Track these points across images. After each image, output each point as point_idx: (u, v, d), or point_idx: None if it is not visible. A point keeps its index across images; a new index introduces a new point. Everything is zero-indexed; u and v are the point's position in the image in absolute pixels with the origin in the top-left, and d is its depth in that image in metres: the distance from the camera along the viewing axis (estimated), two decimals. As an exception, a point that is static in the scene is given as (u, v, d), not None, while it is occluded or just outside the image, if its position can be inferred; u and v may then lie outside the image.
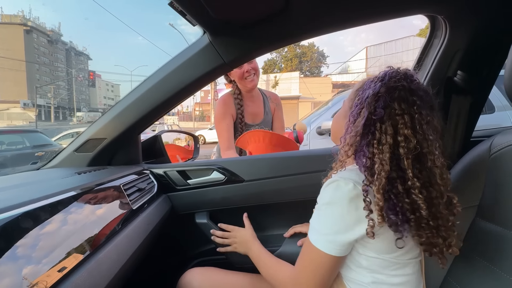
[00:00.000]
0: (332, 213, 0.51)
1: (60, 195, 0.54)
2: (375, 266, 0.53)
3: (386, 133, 0.48)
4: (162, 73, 0.81)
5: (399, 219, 0.46)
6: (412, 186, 0.46)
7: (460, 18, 0.71)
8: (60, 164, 0.91)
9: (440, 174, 0.47)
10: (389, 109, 0.48)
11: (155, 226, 0.78)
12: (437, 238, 0.48)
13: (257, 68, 1.34)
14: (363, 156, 0.50)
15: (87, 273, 0.47)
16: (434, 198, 0.48)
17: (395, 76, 0.51)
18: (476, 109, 0.80)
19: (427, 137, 0.47)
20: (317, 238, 0.52)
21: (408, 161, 0.46)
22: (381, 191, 0.46)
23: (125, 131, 0.87)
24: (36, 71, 62.49)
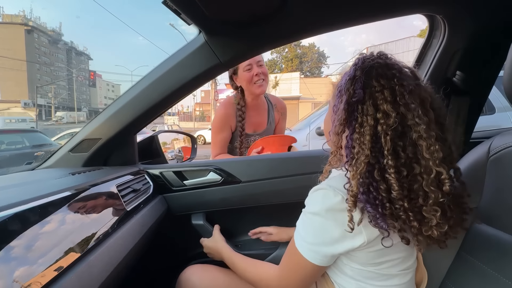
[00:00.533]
0: (318, 225, 0.49)
1: (51, 197, 0.53)
2: (360, 276, 0.52)
3: (367, 114, 0.45)
4: (157, 73, 0.80)
5: (377, 212, 0.43)
6: (387, 164, 0.43)
7: (459, 18, 0.70)
8: (55, 165, 0.90)
9: (427, 146, 0.42)
10: (369, 88, 0.46)
11: (150, 228, 0.77)
12: (413, 221, 0.43)
13: (266, 73, 1.26)
14: (347, 147, 0.47)
15: (76, 276, 0.46)
16: (418, 174, 0.43)
17: (369, 57, 0.49)
18: (476, 110, 0.79)
19: (410, 107, 0.43)
20: (302, 244, 0.51)
21: (386, 138, 0.43)
22: (358, 177, 0.43)
23: (121, 131, 0.86)
24: (37, 71, 62.61)
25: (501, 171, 0.53)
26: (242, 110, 1.29)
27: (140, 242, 0.71)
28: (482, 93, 0.79)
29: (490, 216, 0.55)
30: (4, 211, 0.44)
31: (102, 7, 39.05)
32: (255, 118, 1.36)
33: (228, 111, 1.30)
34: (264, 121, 1.39)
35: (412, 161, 0.44)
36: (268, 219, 0.96)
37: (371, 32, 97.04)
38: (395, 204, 0.43)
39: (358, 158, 0.44)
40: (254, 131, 1.37)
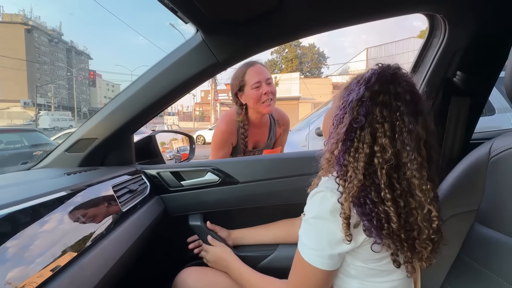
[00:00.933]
0: (320, 228, 0.50)
1: (44, 197, 0.52)
2: (362, 275, 0.52)
3: (364, 141, 0.46)
4: (154, 72, 0.80)
5: (373, 226, 0.45)
6: (385, 197, 0.45)
7: (459, 18, 0.69)
8: (51, 164, 0.89)
9: (419, 186, 0.45)
10: (371, 116, 0.47)
11: (146, 229, 0.76)
12: (407, 251, 0.46)
13: (275, 92, 1.21)
14: (339, 164, 0.49)
15: (68, 278, 0.45)
16: (414, 208, 0.46)
17: (382, 77, 0.48)
18: (476, 111, 0.78)
19: (405, 148, 0.45)
20: (307, 253, 0.51)
21: (382, 172, 0.45)
22: (350, 199, 0.45)
23: (117, 131, 0.85)
24: (36, 70, 62.57)
25: (502, 172, 0.53)
26: (245, 128, 1.24)
27: (136, 244, 0.70)
28: (483, 93, 0.78)
29: (490, 218, 0.54)
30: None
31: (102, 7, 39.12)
32: (256, 136, 1.31)
33: (230, 128, 1.24)
34: (265, 137, 1.35)
35: (407, 194, 0.46)
36: (266, 220, 0.95)
37: (371, 33, 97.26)
38: (393, 234, 0.45)
39: (350, 182, 0.45)
40: (254, 147, 1.34)
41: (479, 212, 0.57)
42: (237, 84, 1.19)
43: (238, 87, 1.20)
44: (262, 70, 1.18)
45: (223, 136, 1.24)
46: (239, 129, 1.25)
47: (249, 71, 1.16)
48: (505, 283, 0.48)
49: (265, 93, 1.15)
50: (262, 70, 1.18)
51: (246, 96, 1.19)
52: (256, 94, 1.15)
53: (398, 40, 26.33)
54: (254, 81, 1.15)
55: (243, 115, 1.23)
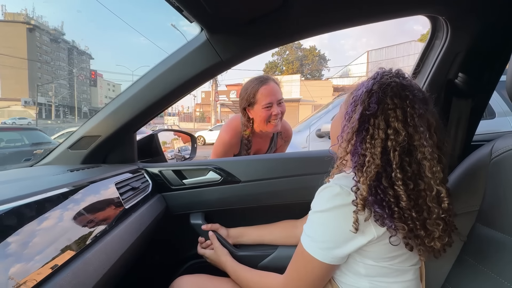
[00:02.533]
0: (328, 222, 0.50)
1: (48, 192, 0.53)
2: (374, 273, 0.52)
3: (379, 127, 0.48)
4: (158, 71, 0.80)
5: (384, 212, 0.46)
6: (395, 177, 0.46)
7: (461, 20, 0.70)
8: (54, 162, 0.89)
9: (430, 167, 0.47)
10: (382, 104, 0.49)
11: (148, 226, 0.77)
12: (420, 230, 0.47)
13: (284, 111, 1.19)
14: (356, 153, 0.50)
15: (72, 273, 0.45)
16: (422, 190, 0.47)
17: (387, 74, 0.52)
18: (477, 112, 0.79)
19: (418, 129, 0.47)
20: (311, 245, 0.51)
21: (395, 153, 0.46)
22: (367, 182, 0.46)
23: (120, 129, 0.86)
24: (38, 70, 62.62)
25: (503, 173, 0.53)
26: (249, 139, 1.24)
27: (138, 241, 0.70)
28: (484, 95, 0.78)
29: (491, 218, 0.54)
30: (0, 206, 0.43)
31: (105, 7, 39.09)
32: (257, 146, 1.31)
33: (234, 141, 1.24)
34: (265, 147, 1.34)
35: (417, 177, 0.47)
36: (268, 220, 0.95)
37: (372, 36, 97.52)
38: (404, 213, 0.46)
39: (369, 166, 0.47)
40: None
41: (480, 212, 0.57)
42: (248, 99, 1.17)
43: (248, 103, 1.17)
44: (275, 91, 1.16)
45: (225, 147, 1.23)
46: (243, 140, 1.25)
47: (262, 90, 1.14)
48: (506, 283, 0.48)
49: (274, 114, 1.14)
50: (275, 91, 1.16)
51: (255, 113, 1.17)
52: (266, 114, 1.14)
53: (399, 43, 26.41)
54: (265, 102, 1.14)
55: (250, 129, 1.21)
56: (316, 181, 0.91)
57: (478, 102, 0.77)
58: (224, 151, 1.24)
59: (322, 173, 0.91)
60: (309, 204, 0.55)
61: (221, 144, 1.24)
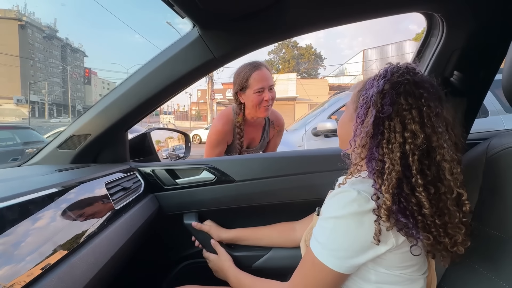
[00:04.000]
0: (344, 229, 0.47)
1: (33, 194, 0.51)
2: (385, 281, 0.49)
3: (395, 131, 0.45)
4: (150, 68, 0.78)
5: (409, 222, 0.43)
6: (416, 183, 0.44)
7: (457, 17, 0.69)
8: (42, 161, 0.87)
9: (450, 169, 0.44)
10: (397, 105, 0.46)
11: (139, 227, 0.75)
12: (444, 237, 0.45)
13: (275, 97, 1.21)
14: (373, 159, 0.47)
15: (57, 278, 0.44)
16: (443, 193, 0.45)
17: (397, 71, 0.49)
18: (472, 111, 0.79)
19: (436, 130, 0.45)
20: (323, 252, 0.48)
21: (414, 157, 0.44)
22: (390, 191, 0.43)
23: (111, 128, 0.84)
24: (30, 67, 61.61)
25: (499, 172, 0.53)
26: (241, 128, 1.25)
27: (129, 242, 0.69)
28: (479, 94, 0.78)
29: (486, 217, 0.54)
30: None
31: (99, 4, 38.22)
32: (250, 134, 1.32)
33: (226, 128, 1.25)
34: (258, 137, 1.36)
35: (436, 180, 0.45)
36: (263, 219, 0.94)
37: (367, 35, 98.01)
38: (427, 220, 0.44)
39: (389, 173, 0.44)
40: (247, 147, 1.34)
41: (475, 211, 0.57)
42: (240, 84, 1.19)
43: (239, 87, 1.20)
44: (266, 76, 1.18)
45: (219, 135, 1.24)
46: (235, 128, 1.26)
47: (254, 75, 1.16)
48: (500, 282, 0.48)
49: (266, 99, 1.17)
50: (266, 76, 1.18)
51: (246, 97, 1.19)
52: (257, 99, 1.17)
53: (394, 42, 26.61)
54: (257, 86, 1.16)
55: (241, 115, 1.23)
56: (311, 180, 0.91)
57: (473, 100, 0.77)
58: (217, 139, 1.24)
59: (318, 172, 0.91)
60: (305, 203, 0.54)
61: (214, 133, 1.25)
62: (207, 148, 1.27)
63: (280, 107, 2.10)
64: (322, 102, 4.17)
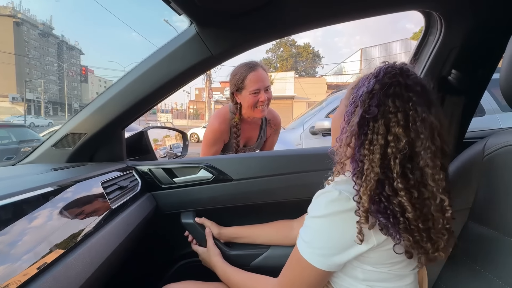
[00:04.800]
0: (326, 229, 0.48)
1: (27, 193, 0.50)
2: (373, 278, 0.50)
3: (378, 133, 0.45)
4: (146, 65, 0.77)
5: (389, 222, 0.44)
6: (397, 187, 0.44)
7: (455, 15, 0.69)
8: (37, 160, 0.86)
9: (432, 175, 0.44)
10: (383, 107, 0.46)
11: (136, 226, 0.74)
12: (427, 242, 0.45)
13: (271, 98, 1.22)
14: (355, 160, 0.47)
15: (52, 278, 0.43)
16: (427, 198, 0.45)
17: (390, 71, 0.48)
18: (470, 110, 0.79)
19: (420, 135, 0.44)
20: (307, 251, 0.49)
21: (395, 161, 0.44)
22: (368, 193, 0.44)
23: (107, 126, 0.83)
24: (26, 65, 60.90)
25: (496, 171, 0.53)
26: (238, 127, 1.25)
27: (126, 242, 0.68)
28: (477, 92, 0.78)
29: (484, 216, 0.54)
30: None
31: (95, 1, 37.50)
32: (247, 133, 1.32)
33: (223, 127, 1.25)
34: (255, 136, 1.36)
35: (420, 184, 0.45)
36: (261, 218, 0.94)
37: (365, 34, 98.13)
38: (411, 224, 0.44)
39: (367, 175, 0.44)
40: (244, 145, 1.34)
41: (472, 210, 0.57)
42: (236, 84, 1.19)
43: (236, 88, 1.20)
44: (262, 77, 1.17)
45: (216, 134, 1.24)
46: (232, 128, 1.26)
47: (250, 76, 1.16)
48: (498, 281, 0.48)
49: (261, 100, 1.17)
50: (262, 77, 1.17)
51: (242, 98, 1.19)
52: (253, 100, 1.17)
53: (392, 41, 26.67)
54: (253, 88, 1.16)
55: (238, 114, 1.23)
56: (309, 178, 0.90)
57: (471, 99, 0.77)
58: (214, 138, 1.24)
59: (316, 170, 0.90)
60: (302, 202, 0.54)
61: (210, 132, 1.25)
62: (203, 147, 1.27)
63: (278, 106, 2.10)
64: (320, 101, 4.17)
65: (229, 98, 1.25)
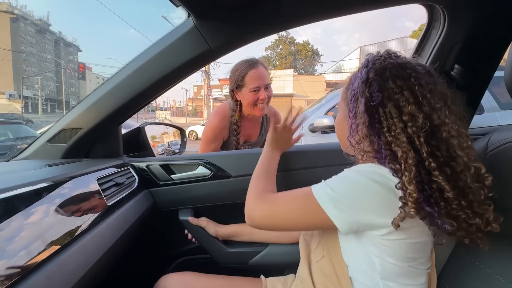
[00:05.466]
0: (357, 183, 0.44)
1: (22, 188, 0.48)
2: (389, 272, 0.47)
3: (392, 117, 0.43)
4: (143, 59, 0.75)
5: (434, 211, 0.41)
6: (430, 166, 0.41)
7: (459, 9, 0.68)
8: (32, 156, 0.84)
9: (459, 144, 0.42)
10: (386, 91, 0.44)
11: (133, 224, 0.73)
12: (474, 218, 0.42)
13: (271, 96, 1.20)
14: (380, 148, 0.45)
15: (45, 276, 0.42)
16: (460, 172, 0.42)
17: (379, 58, 0.48)
18: (472, 106, 0.78)
19: (435, 106, 0.42)
20: (323, 189, 0.46)
21: (420, 140, 0.42)
22: (414, 182, 0.41)
23: (103, 121, 0.81)
24: (22, 61, 60.39)
25: (500, 166, 0.52)
26: (238, 124, 1.23)
27: (122, 239, 0.67)
28: (480, 88, 0.77)
29: None
30: None
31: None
32: (248, 130, 1.30)
33: (222, 124, 1.23)
34: (257, 133, 1.34)
35: (449, 159, 0.42)
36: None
37: (364, 32, 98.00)
38: (451, 204, 0.41)
39: (405, 162, 0.42)
40: (245, 141, 1.33)
41: None
42: (236, 82, 1.18)
43: (236, 85, 1.18)
44: (263, 75, 1.16)
45: (215, 131, 1.22)
46: (232, 125, 1.24)
47: (250, 74, 1.14)
48: (500, 279, 0.48)
49: (261, 98, 1.15)
50: (263, 75, 1.16)
51: (242, 95, 1.18)
52: (253, 98, 1.15)
53: (391, 39, 26.66)
54: (253, 85, 1.14)
55: (238, 112, 1.21)
56: (309, 175, 0.89)
57: (474, 95, 0.76)
58: (213, 135, 1.22)
59: (315, 167, 0.89)
60: None
61: (210, 129, 1.23)
62: (202, 144, 1.25)
63: (277, 104, 2.09)
64: (319, 99, 4.16)
65: (229, 95, 1.24)
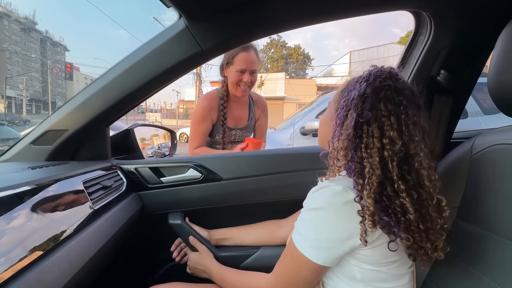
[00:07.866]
0: (321, 220, 0.48)
1: (2, 192, 0.46)
2: (370, 278, 0.50)
3: (373, 136, 0.46)
4: (133, 59, 0.74)
5: (392, 220, 0.44)
6: (398, 189, 0.45)
7: (445, 16, 0.70)
8: (14, 158, 0.81)
9: (428, 176, 0.46)
10: (376, 111, 0.47)
11: (120, 228, 0.71)
12: (426, 242, 0.46)
13: (255, 82, 1.27)
14: (351, 161, 0.48)
15: (25, 284, 0.40)
16: (424, 200, 0.46)
17: (380, 75, 0.49)
18: (457, 110, 0.80)
19: (413, 138, 0.46)
20: (303, 243, 0.49)
21: (393, 164, 0.45)
22: (372, 196, 0.44)
23: (90, 123, 0.79)
24: (6, 60, 58.36)
25: (483, 170, 0.53)
26: (224, 99, 1.28)
27: (109, 244, 0.65)
28: (464, 93, 0.79)
29: (471, 214, 0.55)
30: None
31: (81, -4, 35.43)
32: (236, 113, 1.35)
33: (211, 104, 1.28)
34: (245, 116, 1.39)
35: (417, 186, 0.46)
36: (251, 218, 0.92)
37: (354, 38, 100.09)
38: (411, 225, 0.45)
39: (369, 178, 0.45)
40: (235, 125, 1.36)
41: (461, 208, 0.57)
42: (227, 58, 1.24)
43: (226, 61, 1.25)
44: (251, 60, 1.21)
45: (204, 111, 1.26)
46: (219, 106, 1.29)
47: (240, 55, 1.19)
48: (485, 278, 0.49)
49: (244, 81, 1.22)
50: (251, 60, 1.21)
51: (229, 73, 1.24)
52: (237, 79, 1.22)
53: (380, 45, 27.36)
54: (240, 67, 1.20)
55: (225, 87, 1.28)
56: (302, 178, 0.90)
57: (458, 100, 0.78)
58: (202, 115, 1.26)
59: (306, 170, 0.90)
60: (294, 201, 0.53)
61: (199, 108, 1.28)
62: (192, 127, 1.29)
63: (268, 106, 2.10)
64: (310, 102, 4.20)
65: (219, 69, 1.30)
